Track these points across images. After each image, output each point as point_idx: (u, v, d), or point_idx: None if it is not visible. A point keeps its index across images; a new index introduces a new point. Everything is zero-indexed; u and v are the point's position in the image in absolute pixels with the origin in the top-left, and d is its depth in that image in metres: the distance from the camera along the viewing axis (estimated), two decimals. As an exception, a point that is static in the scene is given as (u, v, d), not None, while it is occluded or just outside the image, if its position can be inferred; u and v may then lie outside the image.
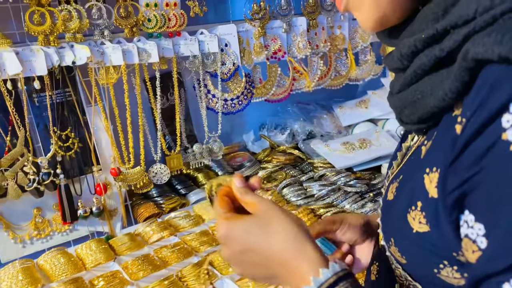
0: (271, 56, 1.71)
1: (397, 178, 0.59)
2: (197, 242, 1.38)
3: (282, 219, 0.55)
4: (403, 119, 0.54)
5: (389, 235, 0.58)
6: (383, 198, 0.63)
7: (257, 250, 0.55)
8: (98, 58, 1.36)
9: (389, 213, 0.58)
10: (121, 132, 1.46)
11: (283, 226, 0.54)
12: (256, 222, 0.56)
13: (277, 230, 0.54)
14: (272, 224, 0.55)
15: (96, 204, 1.43)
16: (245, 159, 1.81)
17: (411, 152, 0.60)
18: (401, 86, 0.53)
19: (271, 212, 0.55)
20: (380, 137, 1.80)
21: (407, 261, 0.55)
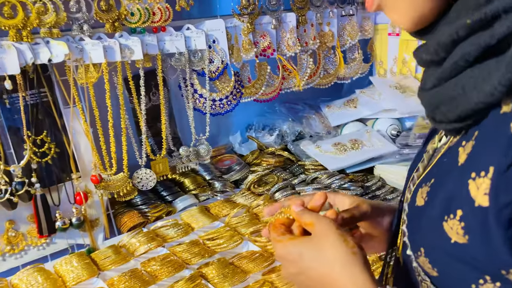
0: (260, 53, 1.62)
1: (427, 181, 0.53)
2: (188, 253, 1.28)
3: (335, 243, 0.55)
4: (437, 117, 0.49)
5: (418, 244, 0.52)
6: (409, 203, 0.57)
7: (310, 274, 0.57)
8: (76, 55, 1.24)
9: (419, 220, 0.52)
10: (102, 135, 1.35)
11: (334, 251, 0.54)
12: (310, 246, 0.57)
13: (328, 255, 0.55)
14: (325, 249, 0.55)
15: (76, 215, 1.31)
16: (233, 162, 1.73)
17: (441, 153, 0.54)
18: (437, 80, 0.48)
19: (325, 234, 0.56)
20: (372, 138, 1.75)
21: (439, 273, 0.49)
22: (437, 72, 0.48)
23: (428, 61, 0.49)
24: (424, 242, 0.51)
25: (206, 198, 1.59)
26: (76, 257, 1.26)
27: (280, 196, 1.52)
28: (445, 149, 0.53)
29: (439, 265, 0.49)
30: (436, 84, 0.48)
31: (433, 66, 0.49)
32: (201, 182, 1.61)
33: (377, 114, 1.89)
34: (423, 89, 0.52)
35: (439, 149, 0.56)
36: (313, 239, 0.57)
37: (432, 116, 0.51)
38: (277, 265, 1.23)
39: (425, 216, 0.51)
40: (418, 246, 0.52)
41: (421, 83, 0.53)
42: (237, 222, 1.42)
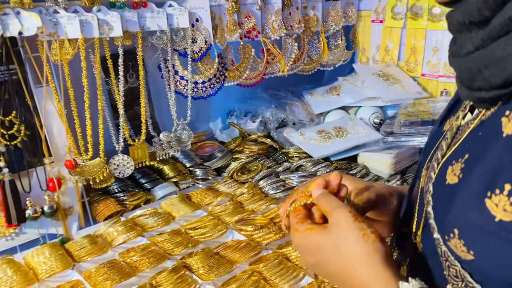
0: (244, 35, 1.56)
1: (458, 158, 0.49)
2: (169, 243, 1.22)
3: (352, 238, 0.53)
4: (476, 84, 0.46)
5: (450, 226, 0.48)
6: (435, 183, 0.53)
7: (328, 267, 0.55)
8: (50, 29, 1.14)
9: (451, 199, 0.48)
10: (77, 118, 1.25)
11: (352, 248, 0.53)
12: (327, 239, 0.55)
13: (346, 251, 0.53)
14: (342, 245, 0.53)
15: (49, 202, 1.22)
16: (215, 149, 1.66)
17: (472, 128, 0.50)
18: (482, 41, 0.44)
19: (341, 228, 0.54)
20: (356, 125, 1.72)
21: (476, 257, 0.45)
22: (481, 33, 0.44)
23: (467, 23, 0.45)
24: (459, 223, 0.46)
25: (186, 186, 1.52)
26: (48, 247, 1.17)
27: (264, 184, 1.47)
28: (475, 124, 0.50)
29: (477, 247, 0.44)
30: (479, 46, 0.44)
31: (473, 28, 0.45)
32: (182, 169, 1.54)
33: (360, 102, 1.86)
34: (457, 55, 0.48)
35: (465, 125, 0.53)
36: (331, 231, 0.55)
37: (469, 84, 0.47)
38: (264, 254, 1.18)
39: (460, 194, 0.47)
40: (450, 228, 0.48)
41: (454, 50, 0.49)
42: (220, 210, 1.36)
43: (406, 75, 1.91)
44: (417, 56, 1.88)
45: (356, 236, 0.52)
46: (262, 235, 1.23)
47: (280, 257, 1.15)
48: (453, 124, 0.56)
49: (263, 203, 1.39)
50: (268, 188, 1.46)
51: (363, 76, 1.93)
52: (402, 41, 1.92)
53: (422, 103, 1.73)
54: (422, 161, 0.63)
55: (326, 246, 0.55)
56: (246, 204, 1.40)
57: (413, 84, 1.87)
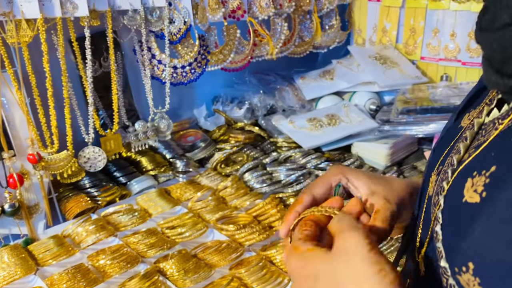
0: (229, 15, 1.42)
1: (481, 169, 0.38)
2: (143, 245, 1.11)
3: (359, 270, 0.42)
4: (509, 68, 0.35)
5: (464, 257, 0.37)
6: (447, 196, 0.42)
7: None
8: (4, 8, 1.02)
9: (469, 222, 0.38)
10: (40, 107, 1.14)
11: (358, 283, 0.41)
12: (326, 267, 0.44)
13: (348, 284, 0.42)
14: (343, 277, 0.43)
15: (10, 200, 1.11)
16: (198, 138, 1.54)
17: (500, 130, 0.39)
18: None
19: (349, 256, 0.43)
20: (350, 113, 1.61)
21: None
22: None
23: None
24: (477, 255, 0.36)
25: (166, 180, 1.41)
26: (8, 250, 1.06)
27: (250, 177, 1.36)
28: (505, 124, 0.39)
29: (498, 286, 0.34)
30: None
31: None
32: (161, 161, 1.43)
33: (355, 87, 1.73)
34: (488, 29, 0.37)
35: (491, 124, 0.41)
36: (333, 259, 0.44)
37: (501, 67, 0.36)
38: (246, 257, 1.08)
39: (483, 219, 0.36)
40: (463, 259, 0.37)
41: (484, 22, 0.38)
42: (201, 207, 1.26)
43: (404, 58, 1.78)
44: (416, 38, 1.76)
45: (370, 271, 0.41)
46: (244, 235, 1.13)
47: (264, 260, 1.05)
48: (474, 121, 0.44)
49: (247, 199, 1.28)
50: (253, 181, 1.35)
51: (359, 59, 1.80)
52: (400, 21, 1.79)
53: (421, 88, 1.61)
54: (432, 162, 0.52)
55: (325, 276, 0.44)
56: (229, 199, 1.30)
57: (411, 68, 1.74)
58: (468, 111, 0.49)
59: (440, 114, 1.42)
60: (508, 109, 0.39)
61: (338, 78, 1.78)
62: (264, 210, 1.22)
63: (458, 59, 1.66)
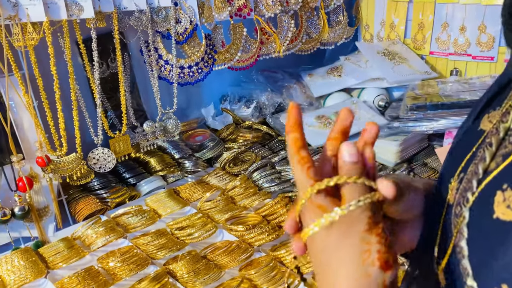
0: (235, 13, 1.41)
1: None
2: (153, 246, 1.11)
3: (344, 247, 0.40)
4: None
5: (496, 278, 0.35)
6: (473, 209, 0.39)
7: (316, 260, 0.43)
8: (10, 11, 1.01)
9: (501, 240, 0.35)
10: (48, 109, 1.14)
11: (340, 259, 0.41)
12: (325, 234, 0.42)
13: (333, 257, 0.41)
14: (330, 246, 0.41)
15: (19, 204, 1.11)
16: (206, 138, 1.54)
17: None
18: None
19: (342, 227, 0.41)
20: (359, 109, 1.59)
21: None
22: None
23: None
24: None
25: (175, 180, 1.41)
26: (19, 254, 1.07)
27: (258, 177, 1.35)
28: None
29: None
30: None
31: None
32: (169, 161, 1.42)
33: (363, 84, 1.72)
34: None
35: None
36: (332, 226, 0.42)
37: None
38: (256, 258, 1.08)
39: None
40: (495, 280, 0.35)
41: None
42: (210, 207, 1.25)
43: (413, 53, 1.76)
44: (425, 33, 1.73)
45: (354, 250, 0.40)
46: (254, 235, 1.13)
47: (274, 261, 1.04)
48: (499, 125, 0.41)
49: (256, 198, 1.27)
50: (262, 181, 1.34)
51: (367, 55, 1.78)
52: (408, 16, 1.77)
53: (431, 84, 1.59)
54: (450, 166, 0.47)
55: (320, 238, 0.42)
56: (238, 199, 1.29)
57: (420, 63, 1.72)
58: (487, 112, 0.45)
59: (451, 110, 1.40)
60: None
61: (346, 74, 1.76)
62: (273, 210, 1.21)
63: (468, 53, 1.64)
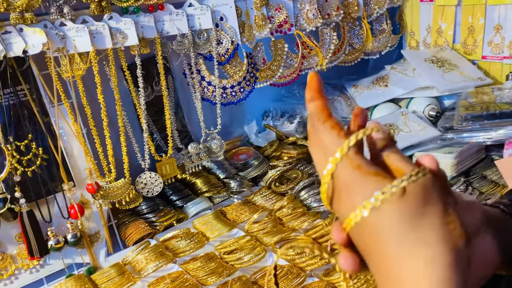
0: (275, 29, 1.39)
1: None
2: (202, 271, 1.10)
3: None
4: None
5: None
6: None
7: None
8: (58, 44, 1.04)
9: None
10: (97, 136, 1.15)
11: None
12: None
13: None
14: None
15: (72, 231, 1.13)
16: (250, 156, 1.52)
17: None
18: None
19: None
20: (409, 121, 1.52)
21: None
22: None
23: None
24: None
25: (221, 200, 1.39)
26: (73, 281, 1.08)
27: (306, 196, 1.31)
28: None
29: None
30: None
31: None
32: (215, 182, 1.41)
33: (411, 93, 1.65)
34: None
35: None
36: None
37: None
38: (309, 283, 1.04)
39: None
40: None
41: None
42: (258, 229, 1.22)
43: (464, 59, 1.67)
44: (476, 36, 1.64)
45: (436, 224, 0.34)
46: (305, 259, 1.09)
47: (328, 286, 1.00)
48: None
49: (305, 219, 1.24)
50: (310, 200, 1.30)
51: (414, 63, 1.71)
52: (457, 20, 1.68)
53: (486, 91, 1.50)
54: None
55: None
56: (286, 220, 1.25)
57: (472, 69, 1.63)
58: None
59: (510, 118, 1.31)
60: None
61: (393, 84, 1.70)
62: (324, 232, 1.17)
63: (525, 56, 1.54)
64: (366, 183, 0.35)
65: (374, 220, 0.34)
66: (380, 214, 0.34)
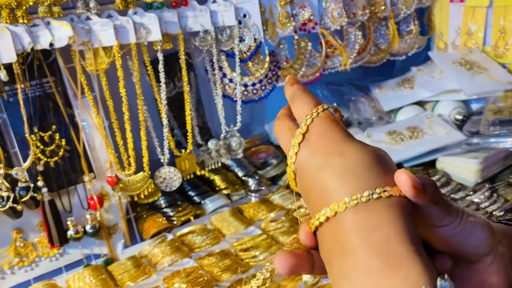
0: (299, 28, 1.38)
1: None
2: (217, 267, 1.10)
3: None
4: None
5: None
6: None
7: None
8: (83, 37, 1.06)
9: None
10: (118, 130, 1.17)
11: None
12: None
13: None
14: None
15: (91, 222, 1.15)
16: (269, 155, 1.51)
17: None
18: None
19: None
20: (434, 124, 1.49)
21: None
22: None
23: None
24: None
25: (239, 198, 1.39)
26: (90, 271, 1.10)
27: (325, 196, 1.30)
28: None
29: None
30: None
31: None
32: (233, 179, 1.41)
33: (438, 96, 1.61)
34: None
35: None
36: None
37: None
38: (323, 284, 1.02)
39: None
40: None
41: None
42: (275, 228, 1.22)
43: (494, 62, 1.62)
44: (508, 39, 1.59)
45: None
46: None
47: None
48: None
49: (323, 220, 1.22)
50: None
51: (441, 65, 1.67)
52: (488, 22, 1.63)
53: (516, 95, 1.45)
54: None
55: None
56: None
57: (503, 73, 1.58)
58: None
59: (541, 124, 1.27)
60: None
61: (418, 86, 1.66)
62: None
63: (559, 60, 1.48)
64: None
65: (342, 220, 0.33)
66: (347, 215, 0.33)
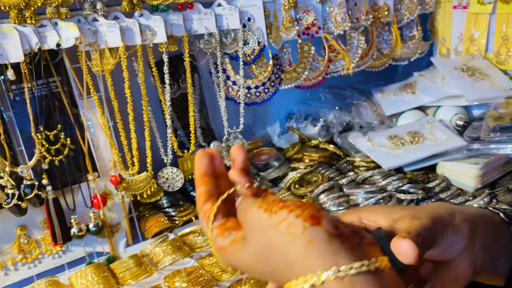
0: (303, 32, 1.40)
1: None
2: (217, 267, 1.11)
3: (267, 235, 0.45)
4: None
5: None
6: None
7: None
8: (89, 38, 1.07)
9: None
10: (122, 130, 1.19)
11: (276, 249, 0.44)
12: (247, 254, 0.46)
13: (270, 255, 0.45)
14: (262, 251, 0.45)
15: (94, 220, 1.16)
16: (271, 157, 1.53)
17: None
18: None
19: (253, 226, 0.45)
20: (434, 129, 1.50)
21: None
22: None
23: None
24: None
25: (240, 199, 1.40)
26: (92, 269, 1.11)
27: (325, 199, 1.31)
28: None
29: None
30: None
31: None
32: (235, 181, 1.42)
33: (439, 101, 1.62)
34: None
35: None
36: (246, 238, 0.45)
37: None
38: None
39: None
40: None
41: None
42: (275, 229, 1.23)
43: (495, 69, 1.63)
44: (510, 46, 1.60)
45: (278, 230, 0.41)
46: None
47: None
48: None
49: (323, 222, 1.23)
50: (329, 203, 1.30)
51: (443, 71, 1.68)
52: (490, 28, 1.64)
53: (517, 102, 1.46)
54: None
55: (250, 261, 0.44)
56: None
57: (504, 79, 1.59)
58: None
59: (541, 131, 1.28)
60: None
61: (420, 91, 1.67)
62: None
63: (560, 68, 1.49)
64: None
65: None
66: None
